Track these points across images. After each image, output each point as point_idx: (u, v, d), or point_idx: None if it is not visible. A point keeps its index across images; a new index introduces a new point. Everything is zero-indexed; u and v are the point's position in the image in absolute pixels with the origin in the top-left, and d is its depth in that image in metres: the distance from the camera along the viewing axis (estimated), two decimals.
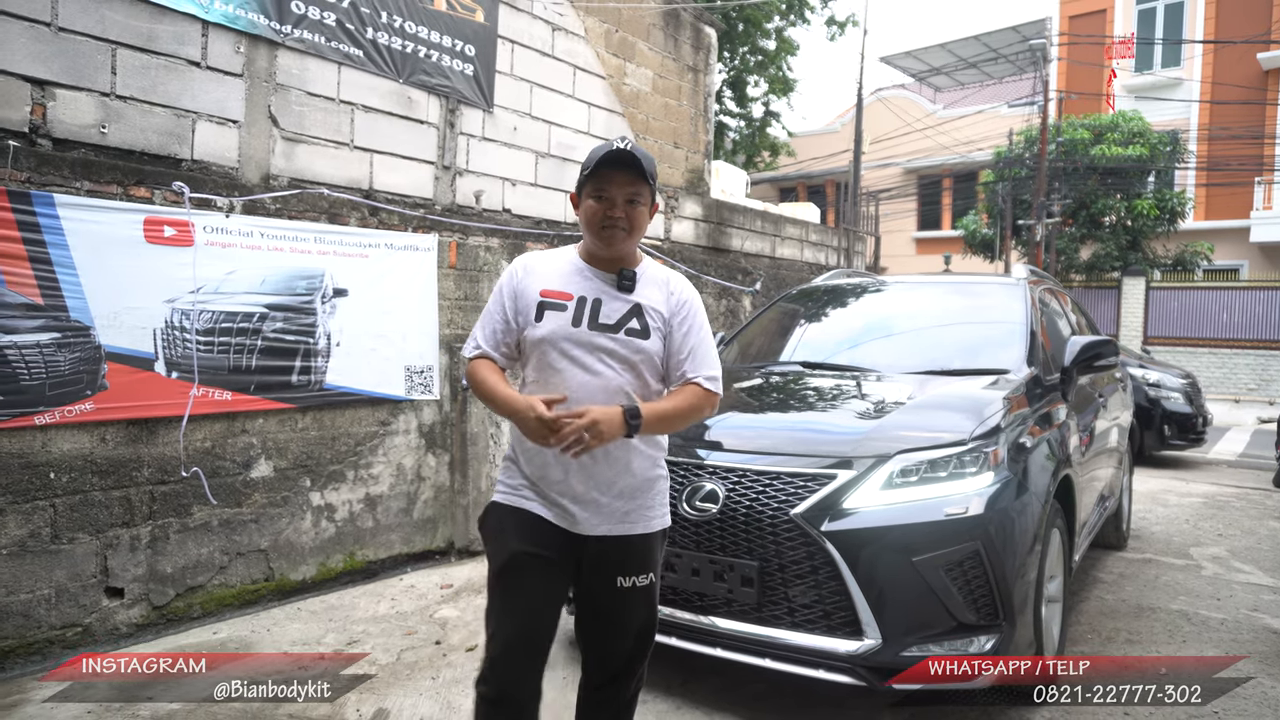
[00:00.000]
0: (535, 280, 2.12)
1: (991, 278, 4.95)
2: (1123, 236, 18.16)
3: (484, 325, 2.16)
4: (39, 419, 3.52)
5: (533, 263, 2.16)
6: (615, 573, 2.12)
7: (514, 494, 2.13)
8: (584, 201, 2.09)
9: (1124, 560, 5.20)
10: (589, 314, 2.08)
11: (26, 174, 3.52)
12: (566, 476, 2.07)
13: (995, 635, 2.75)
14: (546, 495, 2.10)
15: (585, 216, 2.08)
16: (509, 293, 2.13)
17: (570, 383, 2.05)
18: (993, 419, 3.02)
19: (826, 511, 2.78)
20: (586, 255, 2.14)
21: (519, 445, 2.14)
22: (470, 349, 2.17)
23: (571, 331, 2.06)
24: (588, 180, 2.06)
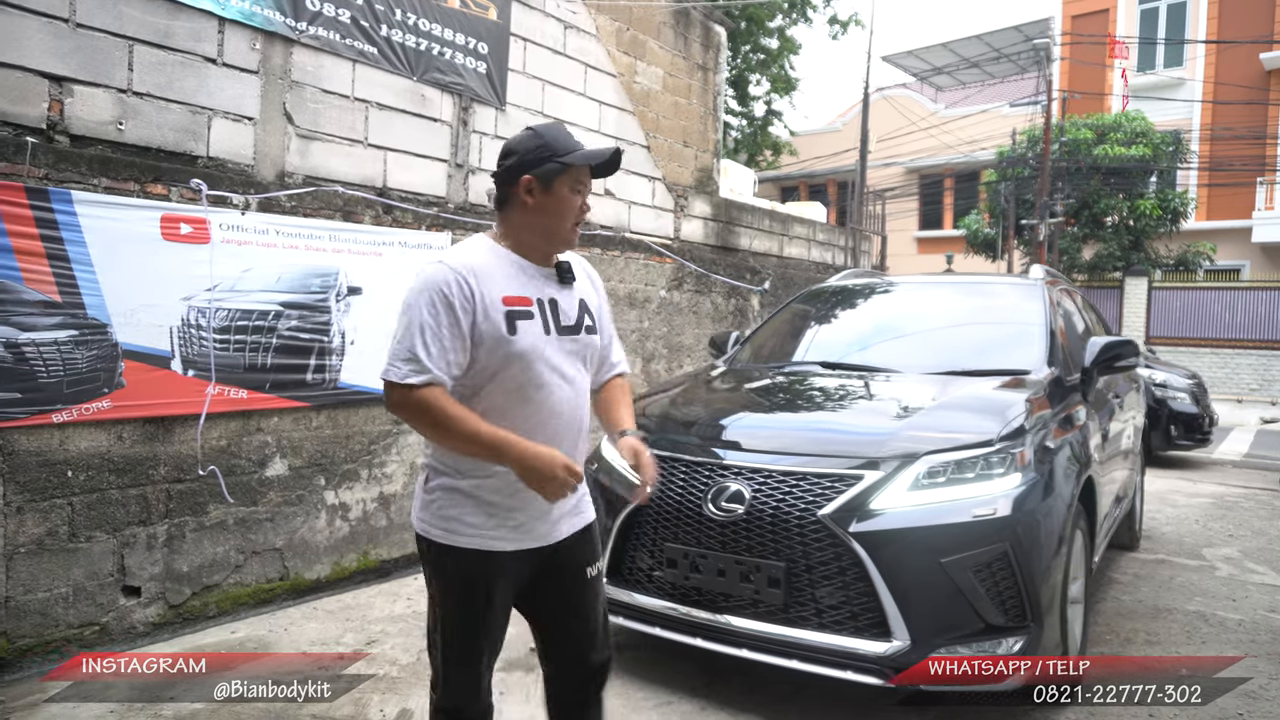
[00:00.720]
0: (490, 284, 1.82)
1: (1009, 278, 4.95)
2: (1125, 236, 18.17)
3: (427, 343, 1.75)
4: (56, 417, 3.50)
5: (471, 262, 1.82)
6: (584, 563, 2.04)
7: (478, 534, 1.85)
8: (556, 191, 1.87)
9: (1137, 561, 5.20)
10: (552, 318, 1.90)
11: (44, 171, 3.50)
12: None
13: (1023, 637, 2.74)
14: (517, 521, 1.88)
15: (556, 208, 1.87)
16: (459, 302, 1.77)
17: (552, 400, 1.87)
18: (1018, 420, 3.01)
19: (854, 512, 2.78)
20: (518, 249, 1.90)
21: (485, 470, 1.83)
22: (407, 373, 1.74)
23: (547, 341, 1.87)
24: (565, 171, 1.86)
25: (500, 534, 1.87)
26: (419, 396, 1.75)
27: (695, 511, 3.00)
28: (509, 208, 1.91)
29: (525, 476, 1.76)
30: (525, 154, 1.87)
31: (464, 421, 1.75)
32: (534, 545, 1.92)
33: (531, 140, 1.89)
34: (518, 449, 1.75)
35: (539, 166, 1.86)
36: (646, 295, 6.81)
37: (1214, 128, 19.89)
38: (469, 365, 1.82)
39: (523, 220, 1.89)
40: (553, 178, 1.87)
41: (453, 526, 1.85)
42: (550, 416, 1.87)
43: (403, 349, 1.77)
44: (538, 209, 1.87)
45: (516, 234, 1.91)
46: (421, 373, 1.75)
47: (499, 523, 1.87)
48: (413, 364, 1.76)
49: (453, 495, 1.86)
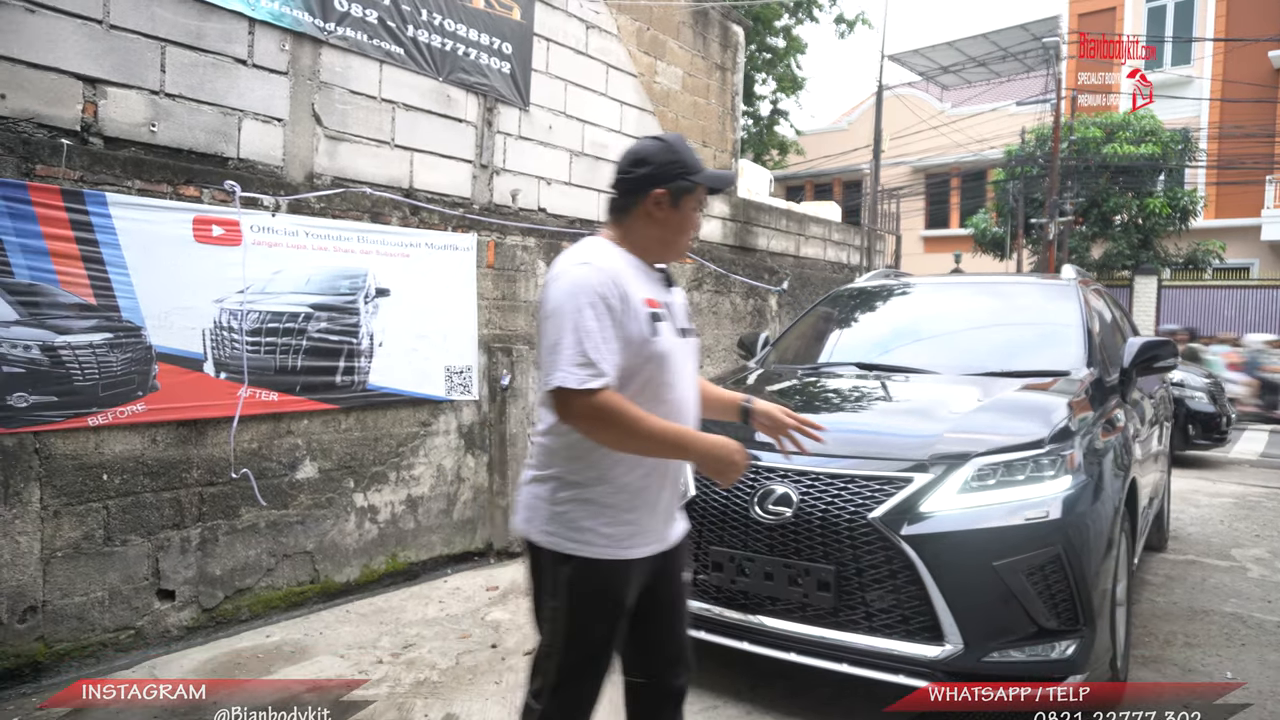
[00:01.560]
0: (632, 287, 1.83)
1: (1041, 278, 4.92)
2: (1134, 235, 18.12)
3: (597, 345, 1.73)
4: (92, 420, 3.49)
5: (615, 265, 1.84)
6: (682, 568, 2.06)
7: (619, 546, 1.84)
8: (683, 208, 1.90)
9: (1168, 562, 5.17)
10: (673, 320, 1.94)
11: (79, 173, 3.48)
12: (663, 492, 1.93)
13: (1076, 640, 2.71)
14: (644, 526, 1.88)
15: (676, 223, 1.91)
16: (616, 304, 1.77)
17: (681, 400, 1.92)
18: (1065, 422, 2.99)
19: (905, 515, 2.75)
20: (639, 255, 1.92)
21: (620, 479, 1.84)
22: (586, 379, 1.72)
23: (675, 342, 1.91)
24: (694, 189, 1.90)
25: (633, 541, 1.86)
26: (601, 401, 1.73)
27: (741, 515, 2.98)
28: (632, 215, 1.91)
29: (707, 464, 1.82)
30: (659, 167, 1.87)
31: (647, 420, 1.77)
32: (657, 550, 1.93)
33: (665, 153, 1.89)
34: (699, 439, 1.82)
35: (671, 182, 1.87)
36: None
37: (1223, 126, 19.83)
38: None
39: (645, 230, 1.91)
40: (682, 195, 1.89)
41: (588, 538, 1.82)
42: (677, 416, 1.89)
43: (575, 354, 1.73)
44: (663, 222, 1.90)
45: (636, 241, 1.91)
46: (599, 376, 1.73)
47: (632, 530, 1.86)
48: (590, 368, 1.73)
49: (586, 506, 1.83)
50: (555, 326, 1.76)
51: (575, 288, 1.77)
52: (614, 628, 1.89)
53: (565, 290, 1.78)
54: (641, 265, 1.91)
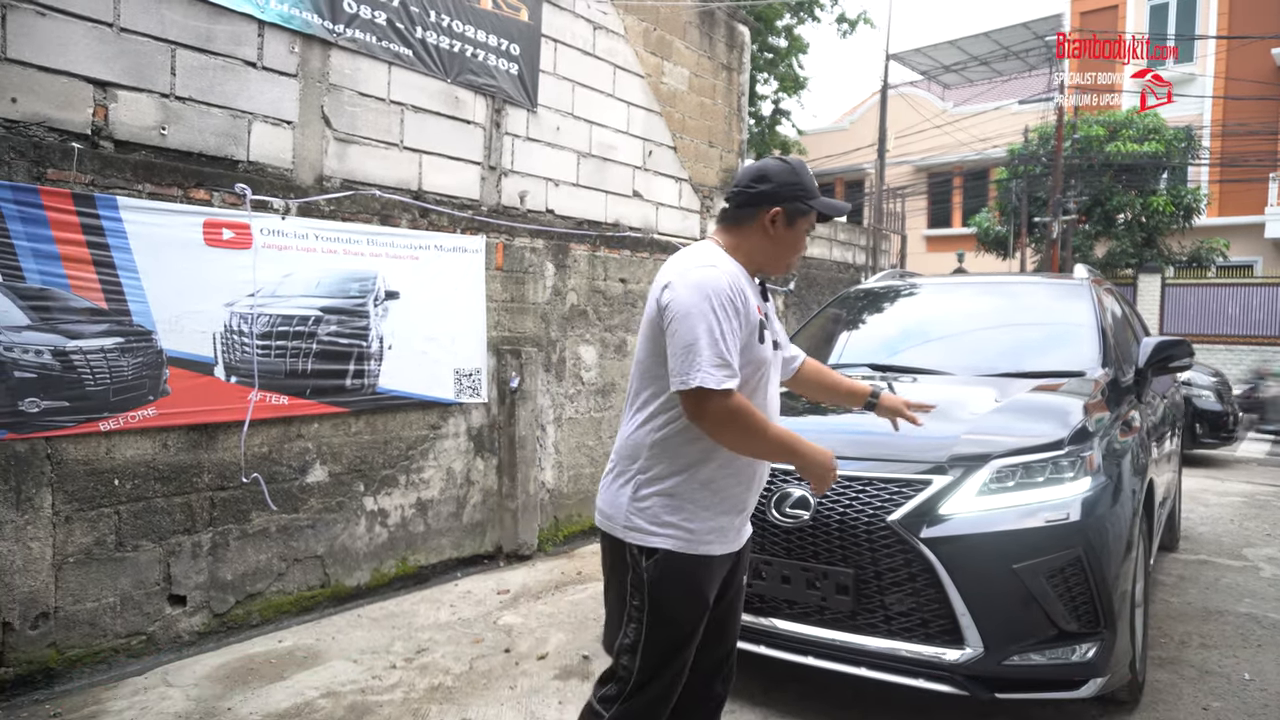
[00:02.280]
0: (748, 295, 1.90)
1: (1053, 278, 4.90)
2: (1138, 233, 18.11)
3: (727, 349, 1.79)
4: (104, 425, 3.48)
5: (734, 270, 1.91)
6: (744, 572, 2.11)
7: (702, 542, 1.89)
8: (796, 228, 1.99)
9: (1180, 561, 5.15)
10: (773, 332, 2.04)
11: (90, 176, 3.47)
12: (749, 495, 2.01)
13: (1097, 643, 2.70)
14: (722, 525, 1.93)
15: (789, 241, 2.00)
16: (740, 307, 1.84)
17: (771, 407, 2.01)
18: (1083, 423, 2.97)
19: (924, 517, 2.74)
20: (745, 265, 1.98)
21: (707, 477, 1.90)
22: (723, 379, 1.76)
23: (773, 353, 2.00)
24: (809, 213, 1.99)
25: (713, 538, 1.91)
26: (736, 403, 1.78)
27: (758, 518, 2.95)
28: (747, 227, 1.97)
29: (811, 470, 1.90)
30: (781, 186, 1.95)
31: (770, 425, 1.85)
32: (734, 549, 1.98)
33: (789, 174, 1.97)
34: (810, 447, 1.90)
35: (790, 203, 1.95)
36: None
37: (1226, 123, 19.81)
38: None
39: (758, 243, 1.98)
40: (797, 216, 1.97)
41: (673, 532, 1.87)
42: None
43: (712, 355, 1.77)
44: (776, 239, 1.97)
45: (747, 252, 1.98)
46: (734, 376, 1.79)
47: (712, 526, 1.90)
48: (726, 369, 1.78)
49: (671, 500, 1.88)
50: (689, 326, 1.79)
51: (706, 289, 1.81)
52: (696, 623, 1.92)
53: (697, 290, 1.81)
54: (747, 275, 1.97)
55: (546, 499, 5.62)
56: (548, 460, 5.62)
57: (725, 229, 2.01)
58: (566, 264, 5.75)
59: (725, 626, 2.07)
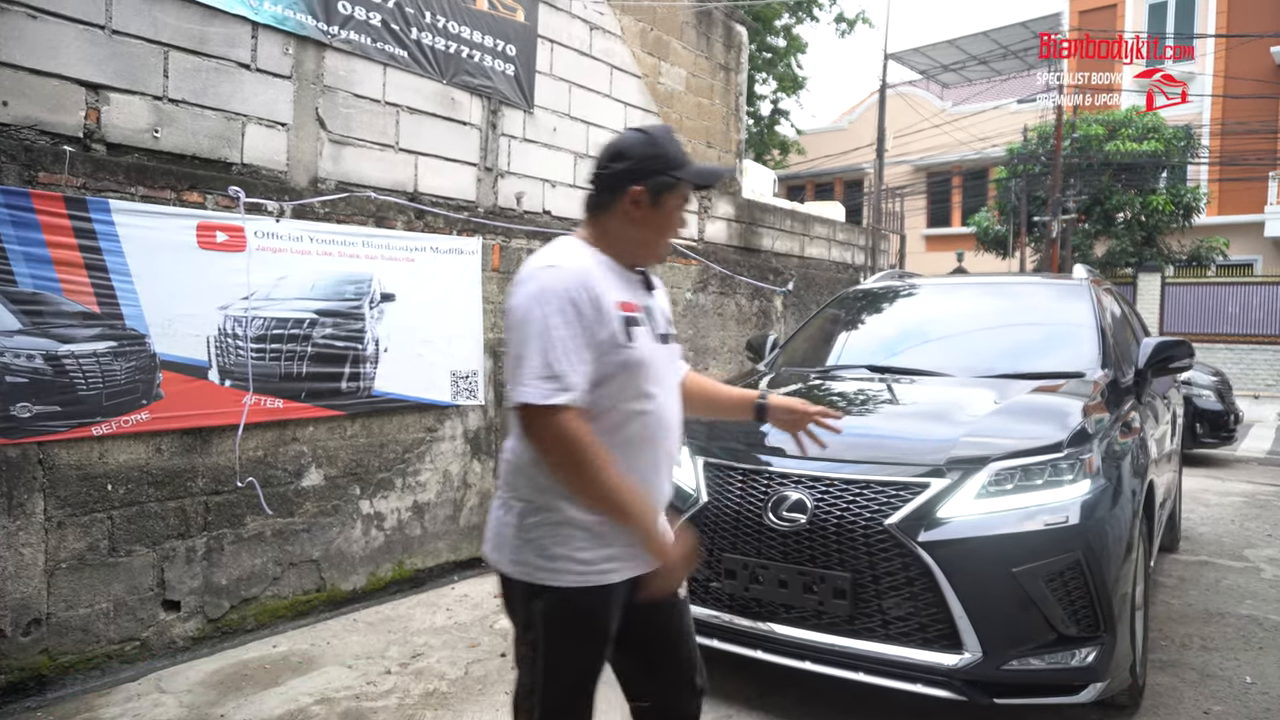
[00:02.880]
0: (606, 289, 1.68)
1: (1053, 278, 4.88)
2: (1137, 232, 18.11)
3: (565, 356, 1.59)
4: (96, 430, 3.45)
5: (585, 266, 1.69)
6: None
7: (597, 573, 1.68)
8: (664, 206, 1.75)
9: (1180, 563, 5.13)
10: (652, 326, 1.78)
11: (82, 180, 3.45)
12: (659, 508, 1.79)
13: (1096, 647, 2.68)
14: (625, 543, 1.71)
15: (657, 223, 1.76)
16: (586, 308, 1.63)
17: (663, 411, 1.76)
18: (1082, 424, 2.95)
19: (922, 521, 2.71)
20: (615, 256, 1.77)
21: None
22: (550, 393, 1.57)
23: (654, 349, 1.75)
24: (677, 186, 1.75)
25: (613, 564, 1.70)
26: (564, 425, 1.58)
27: (755, 521, 2.94)
28: (608, 214, 1.75)
29: (646, 549, 1.68)
30: (640, 161, 1.72)
31: (606, 469, 1.61)
32: (638, 571, 1.74)
33: (647, 146, 1.74)
34: (650, 524, 1.67)
35: (651, 178, 1.72)
36: (672, 298, 6.75)
37: (1225, 122, 19.80)
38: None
39: (622, 230, 1.75)
40: (663, 191, 1.74)
41: (564, 565, 1.66)
42: (659, 428, 1.76)
43: (538, 365, 1.59)
44: (642, 221, 1.74)
45: (612, 241, 1.76)
46: (565, 390, 1.58)
47: (609, 553, 1.70)
48: (554, 381, 1.58)
49: (559, 530, 1.67)
50: (520, 335, 1.63)
51: (542, 292, 1.62)
52: (596, 661, 1.75)
53: (532, 295, 1.63)
54: (617, 267, 1.76)
55: None
56: None
57: (588, 219, 1.80)
58: None
59: (673, 645, 1.89)
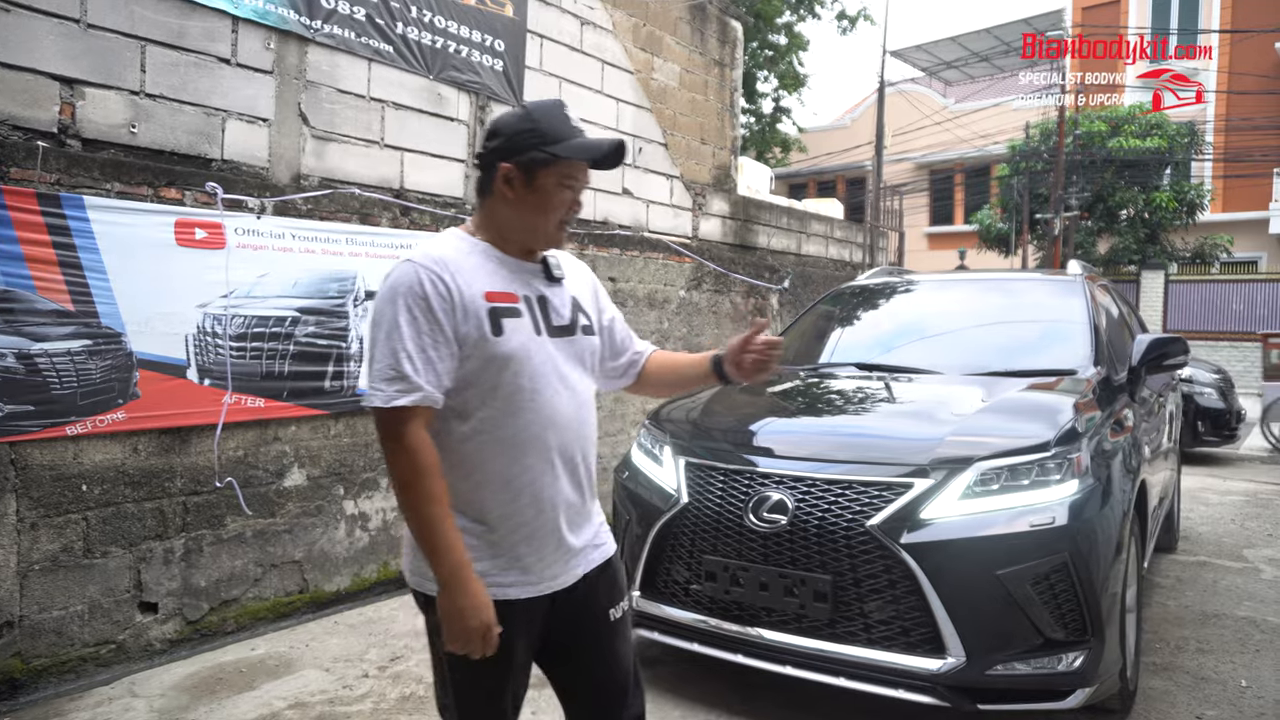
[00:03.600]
0: (469, 280, 1.57)
1: (1047, 275, 4.80)
2: (1140, 230, 17.99)
3: (410, 355, 1.50)
4: (70, 429, 3.40)
5: (444, 256, 1.58)
6: (607, 605, 1.78)
7: (493, 586, 1.58)
8: (539, 185, 1.62)
9: (1178, 563, 5.05)
10: (542, 317, 1.67)
11: (56, 175, 3.39)
12: (542, 518, 1.65)
13: (1084, 651, 2.61)
14: (527, 562, 1.63)
15: (534, 203, 1.62)
16: (438, 302, 1.53)
17: (550, 408, 1.63)
18: (1072, 423, 2.88)
19: (904, 522, 2.65)
20: (496, 243, 1.67)
21: (486, 507, 1.61)
22: (394, 395, 1.49)
23: (539, 342, 1.64)
24: (553, 163, 1.61)
25: (511, 578, 1.61)
26: (408, 430, 1.49)
27: (735, 523, 2.88)
28: (491, 196, 1.66)
29: (443, 607, 1.52)
30: (512, 138, 1.61)
31: (434, 494, 1.50)
32: (555, 588, 1.67)
33: (521, 122, 1.63)
34: (453, 576, 1.50)
35: (522, 154, 1.60)
36: (666, 295, 6.68)
37: (1230, 118, 19.67)
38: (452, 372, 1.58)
39: (502, 213, 1.65)
40: (537, 169, 1.60)
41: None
42: (547, 427, 1.63)
43: (384, 367, 1.51)
44: (518, 202, 1.63)
45: (495, 226, 1.67)
46: (411, 390, 1.50)
47: (508, 564, 1.61)
48: (399, 383, 1.50)
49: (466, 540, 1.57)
50: (371, 336, 1.55)
51: (393, 288, 1.55)
52: (500, 680, 1.64)
53: (384, 292, 1.56)
54: (498, 254, 1.66)
55: None
56: None
57: (476, 204, 1.71)
58: None
59: (604, 672, 1.78)
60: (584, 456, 1.74)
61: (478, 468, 1.61)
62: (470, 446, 1.61)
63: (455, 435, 1.61)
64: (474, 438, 1.60)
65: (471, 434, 1.60)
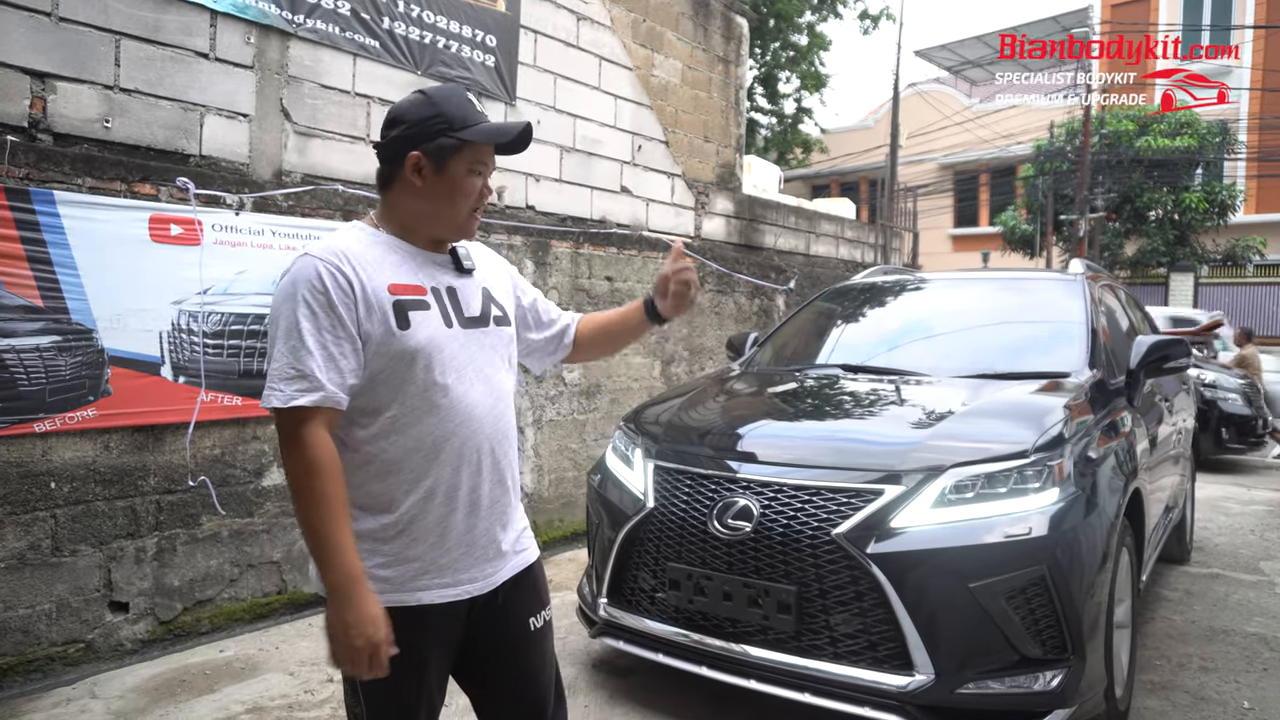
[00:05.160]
0: (372, 272, 1.51)
1: (1046, 273, 4.63)
2: (1170, 231, 17.58)
3: (311, 351, 1.43)
4: (38, 426, 3.37)
5: (344, 249, 1.51)
6: (527, 615, 1.70)
7: (400, 590, 1.52)
8: (449, 172, 1.55)
9: (1189, 575, 4.85)
10: (452, 308, 1.60)
11: (25, 170, 3.36)
12: (454, 518, 1.57)
13: (1063, 670, 2.46)
14: (441, 565, 1.55)
15: (444, 191, 1.56)
16: (338, 296, 1.45)
17: (463, 403, 1.56)
18: (1055, 428, 2.74)
19: (872, 531, 2.52)
20: (402, 235, 1.60)
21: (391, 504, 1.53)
22: (293, 395, 1.42)
23: (449, 335, 1.56)
24: (462, 149, 1.54)
25: (424, 582, 1.54)
26: (307, 431, 1.42)
27: (699, 529, 2.76)
28: (392, 188, 1.59)
29: (329, 621, 1.42)
30: (414, 124, 1.54)
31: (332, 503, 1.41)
32: (471, 593, 1.59)
33: (424, 108, 1.56)
34: (349, 589, 1.40)
35: (430, 141, 1.53)
36: None
37: (1264, 116, 19.15)
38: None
39: (409, 203, 1.58)
40: (447, 156, 1.54)
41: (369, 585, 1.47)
42: (462, 424, 1.56)
43: (283, 365, 1.43)
44: (427, 192, 1.56)
45: (400, 218, 1.60)
46: (312, 390, 1.42)
47: (421, 569, 1.54)
48: (299, 381, 1.42)
49: (360, 542, 1.48)
50: (271, 333, 1.48)
51: (291, 284, 1.47)
52: (415, 692, 1.56)
53: (282, 287, 1.49)
54: (405, 247, 1.59)
55: (525, 503, 5.44)
56: (526, 464, 5.46)
57: (380, 197, 1.64)
58: (547, 261, 5.58)
59: (524, 669, 1.71)
60: (502, 453, 1.66)
61: (389, 467, 1.54)
62: (381, 445, 1.54)
63: (365, 434, 1.53)
64: (385, 436, 1.53)
65: (382, 432, 1.53)
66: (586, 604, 3.23)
